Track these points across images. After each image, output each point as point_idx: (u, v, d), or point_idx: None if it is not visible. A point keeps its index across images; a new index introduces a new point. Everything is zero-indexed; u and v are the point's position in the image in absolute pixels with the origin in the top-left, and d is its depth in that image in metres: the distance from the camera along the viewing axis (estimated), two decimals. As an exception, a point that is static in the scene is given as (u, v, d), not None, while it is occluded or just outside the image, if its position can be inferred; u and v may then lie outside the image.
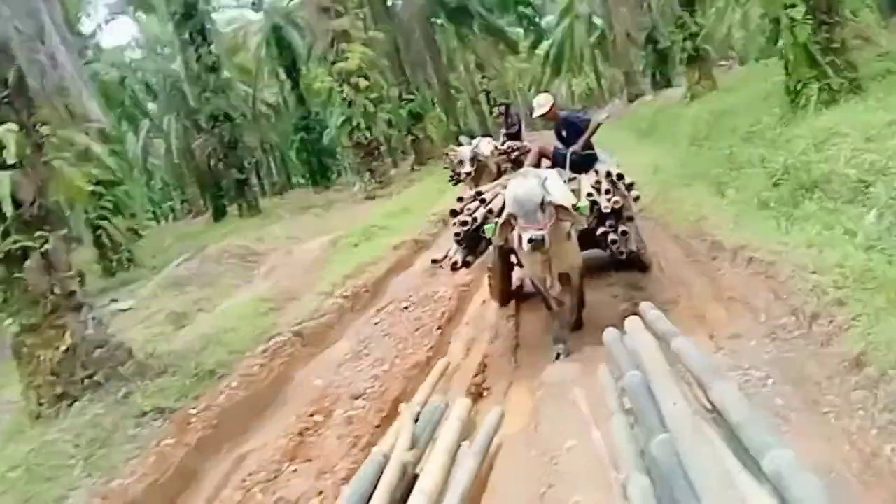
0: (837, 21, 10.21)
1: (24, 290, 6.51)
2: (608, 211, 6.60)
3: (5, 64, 6.39)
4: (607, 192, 6.72)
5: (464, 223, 6.53)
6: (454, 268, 6.74)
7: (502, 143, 12.51)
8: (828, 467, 3.58)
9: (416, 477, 3.31)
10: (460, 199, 7.08)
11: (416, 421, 3.74)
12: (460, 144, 12.35)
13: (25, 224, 6.50)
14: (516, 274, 7.96)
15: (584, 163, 7.59)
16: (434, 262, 7.27)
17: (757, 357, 5.09)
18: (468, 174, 10.69)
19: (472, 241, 6.72)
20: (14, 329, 6.55)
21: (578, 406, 4.45)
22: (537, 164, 7.87)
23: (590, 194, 6.68)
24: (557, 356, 6.06)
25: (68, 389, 6.49)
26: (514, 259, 7.37)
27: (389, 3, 24.66)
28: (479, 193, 7.11)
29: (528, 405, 5.33)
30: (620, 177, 6.93)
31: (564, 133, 7.86)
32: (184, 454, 5.63)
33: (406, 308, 8.61)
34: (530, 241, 5.19)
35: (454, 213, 6.82)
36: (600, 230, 6.72)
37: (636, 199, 7.09)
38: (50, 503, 5.18)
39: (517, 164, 12.81)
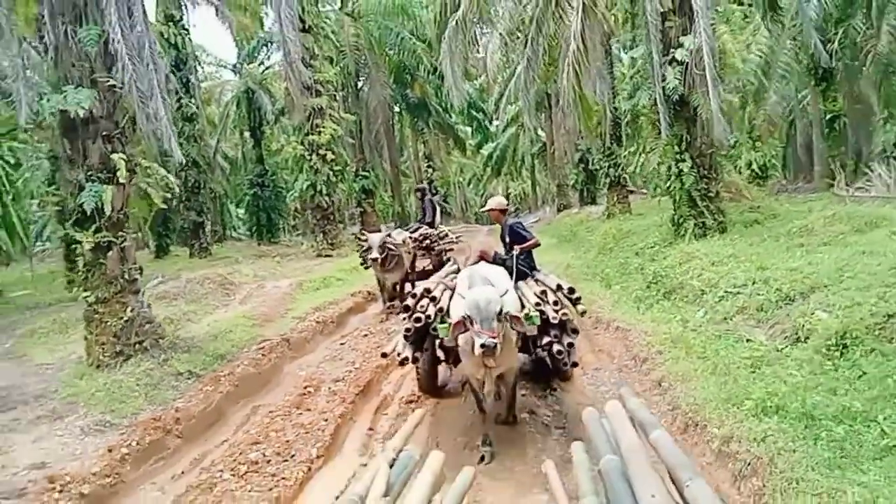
0: (715, 177, 13.53)
1: (103, 273, 9.22)
2: (555, 322, 6.82)
3: (121, 113, 9.31)
4: (555, 303, 6.96)
5: (417, 320, 6.79)
6: (402, 363, 6.91)
7: (415, 231, 14.06)
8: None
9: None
10: (413, 296, 7.37)
11: (391, 466, 3.71)
12: (378, 230, 13.94)
13: (112, 225, 9.25)
14: (441, 369, 8.33)
15: (528, 269, 8.22)
16: (384, 355, 7.36)
17: (607, 379, 8.38)
18: (374, 260, 11.86)
19: (420, 337, 7.04)
20: (91, 300, 9.22)
21: (550, 481, 4.51)
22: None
23: (538, 304, 6.96)
24: (482, 458, 6.38)
25: (124, 349, 9.15)
26: (441, 355, 7.93)
27: (360, 90, 28.16)
28: (429, 291, 7.41)
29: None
30: (572, 290, 7.36)
31: (508, 239, 8.31)
32: (218, 398, 8.40)
33: (366, 335, 11.53)
34: (483, 346, 5.44)
35: (407, 308, 7.13)
36: (545, 340, 6.90)
37: (582, 313, 7.62)
38: (128, 413, 7.85)
39: (428, 251, 14.41)
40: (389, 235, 12.54)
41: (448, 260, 11.00)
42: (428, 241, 14.49)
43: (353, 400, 8.32)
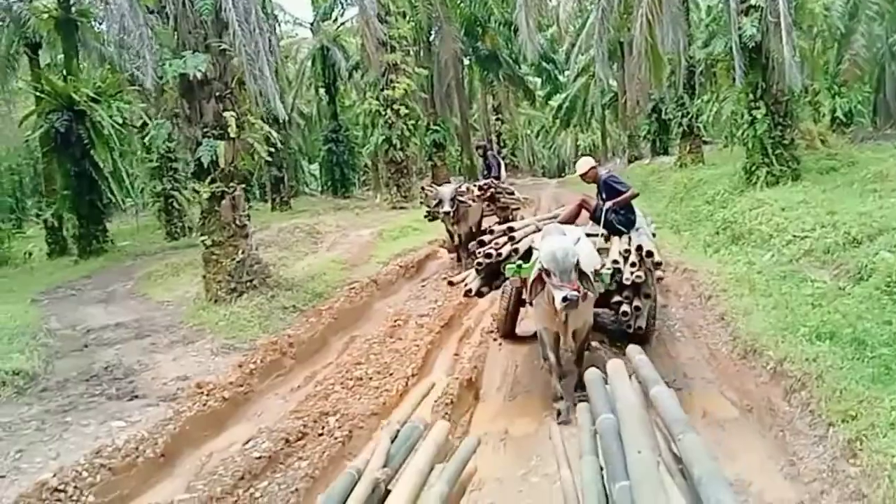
0: (789, 124, 13.88)
1: (218, 219, 10.49)
2: (628, 283, 6.92)
3: (231, 74, 10.45)
4: (633, 264, 7.00)
5: (488, 255, 6.90)
6: (467, 294, 7.20)
7: (482, 185, 13.93)
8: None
9: (387, 494, 3.28)
10: (491, 231, 7.55)
11: (394, 440, 3.75)
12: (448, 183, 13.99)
13: (225, 177, 10.47)
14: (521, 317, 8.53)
15: (623, 225, 7.99)
16: (450, 283, 7.90)
17: (674, 316, 9.25)
18: (447, 213, 12.11)
19: (490, 274, 7.16)
20: (208, 243, 10.51)
21: (553, 443, 4.65)
22: (576, 214, 8.45)
23: (615, 261, 6.98)
24: (558, 413, 6.40)
25: (237, 287, 10.46)
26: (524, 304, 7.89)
27: (431, 43, 28.96)
28: (511, 230, 7.55)
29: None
30: (650, 254, 7.19)
31: (604, 195, 8.19)
32: (321, 328, 9.60)
33: (444, 278, 12.52)
34: (565, 299, 5.35)
35: (482, 243, 7.28)
36: (615, 299, 7.01)
37: (659, 279, 7.56)
38: (247, 339, 9.12)
39: (493, 201, 13.91)
40: (461, 186, 12.77)
41: (514, 218, 11.23)
42: (492, 191, 14.12)
43: (438, 331, 9.38)
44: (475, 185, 13.45)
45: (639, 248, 7.22)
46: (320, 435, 6.29)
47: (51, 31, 22.55)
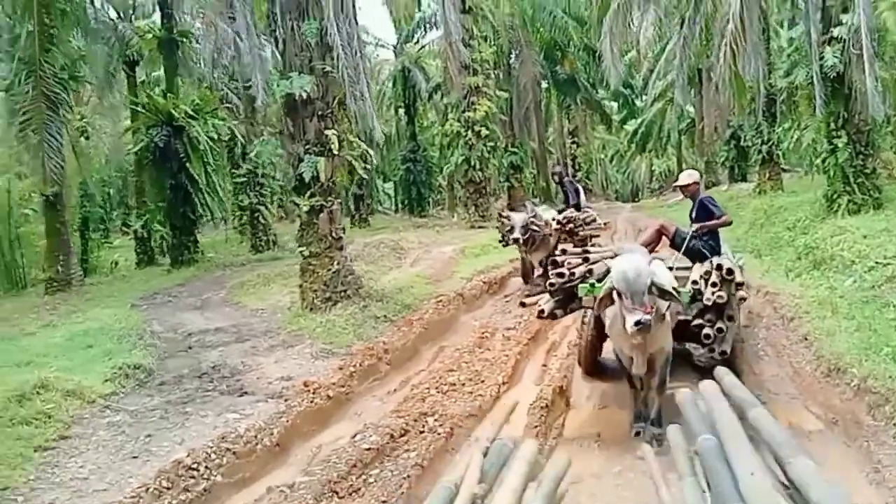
0: (871, 154, 13.91)
1: (316, 231, 11.16)
2: (709, 304, 6.70)
3: (332, 95, 11.16)
4: (713, 284, 6.78)
5: (561, 275, 6.73)
6: (540, 315, 7.02)
7: (560, 213, 13.52)
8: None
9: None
10: (564, 252, 7.53)
11: (485, 456, 3.70)
12: (524, 207, 13.46)
13: (323, 191, 11.15)
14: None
15: (707, 251, 7.74)
16: (522, 304, 7.74)
17: (757, 336, 9.49)
18: (516, 241, 12.06)
19: (565, 296, 6.91)
20: (305, 253, 11.20)
21: (647, 463, 4.65)
22: (655, 241, 8.23)
23: (695, 282, 6.79)
24: (637, 433, 6.33)
25: (332, 296, 11.10)
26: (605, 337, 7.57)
27: (511, 67, 29.64)
28: (586, 251, 7.50)
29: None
30: (731, 272, 6.93)
31: (695, 215, 8.01)
32: (412, 337, 10.14)
33: (528, 295, 12.98)
34: (637, 323, 5.22)
35: (555, 263, 7.13)
36: (695, 321, 6.82)
37: (742, 300, 7.25)
38: (343, 345, 9.72)
39: (571, 235, 13.25)
40: (535, 215, 12.47)
41: (593, 245, 11.06)
42: (572, 226, 13.51)
43: (525, 343, 9.81)
44: (553, 218, 13.11)
45: (719, 266, 7.02)
46: (421, 432, 6.76)
47: (152, 49, 24.04)
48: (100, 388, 7.86)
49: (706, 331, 6.71)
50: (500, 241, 13.16)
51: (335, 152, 10.94)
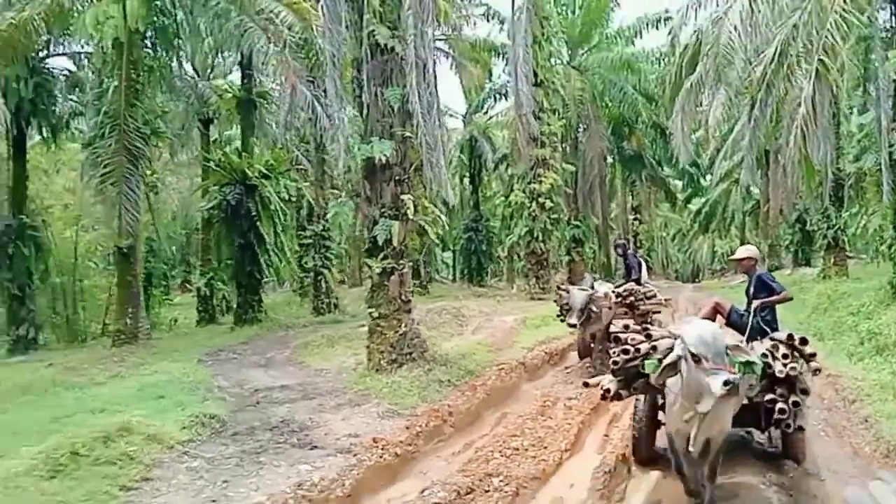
0: None
1: (386, 294, 11.58)
2: (781, 376, 6.39)
3: (408, 161, 11.69)
4: (784, 356, 6.49)
5: (625, 351, 6.39)
6: (604, 396, 6.73)
7: (619, 287, 13.52)
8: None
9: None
10: (626, 328, 7.22)
11: None
12: (583, 280, 14.00)
13: (396, 254, 11.60)
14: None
15: (767, 327, 7.51)
16: (586, 385, 7.38)
17: (818, 417, 9.52)
18: (572, 325, 12.14)
19: (628, 375, 6.61)
20: (374, 315, 11.60)
21: None
22: (711, 318, 7.83)
23: (764, 355, 6.43)
24: None
25: (398, 358, 11.44)
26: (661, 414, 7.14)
27: (578, 140, 30.26)
28: (647, 328, 7.12)
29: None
30: (804, 341, 6.65)
31: (752, 291, 7.83)
32: (476, 402, 10.38)
33: (590, 367, 13.12)
34: (727, 383, 5.02)
35: (617, 339, 6.90)
36: (768, 396, 6.52)
37: (817, 371, 6.86)
38: (408, 406, 10.00)
39: (631, 308, 13.19)
40: (593, 292, 12.31)
41: (652, 322, 10.93)
42: (632, 299, 13.48)
43: (588, 413, 9.96)
44: (614, 291, 13.05)
45: (790, 336, 6.69)
46: (487, 491, 6.98)
47: (229, 109, 25.20)
48: (178, 435, 8.30)
49: (780, 405, 6.35)
50: (558, 316, 13.20)
51: (410, 216, 11.40)
